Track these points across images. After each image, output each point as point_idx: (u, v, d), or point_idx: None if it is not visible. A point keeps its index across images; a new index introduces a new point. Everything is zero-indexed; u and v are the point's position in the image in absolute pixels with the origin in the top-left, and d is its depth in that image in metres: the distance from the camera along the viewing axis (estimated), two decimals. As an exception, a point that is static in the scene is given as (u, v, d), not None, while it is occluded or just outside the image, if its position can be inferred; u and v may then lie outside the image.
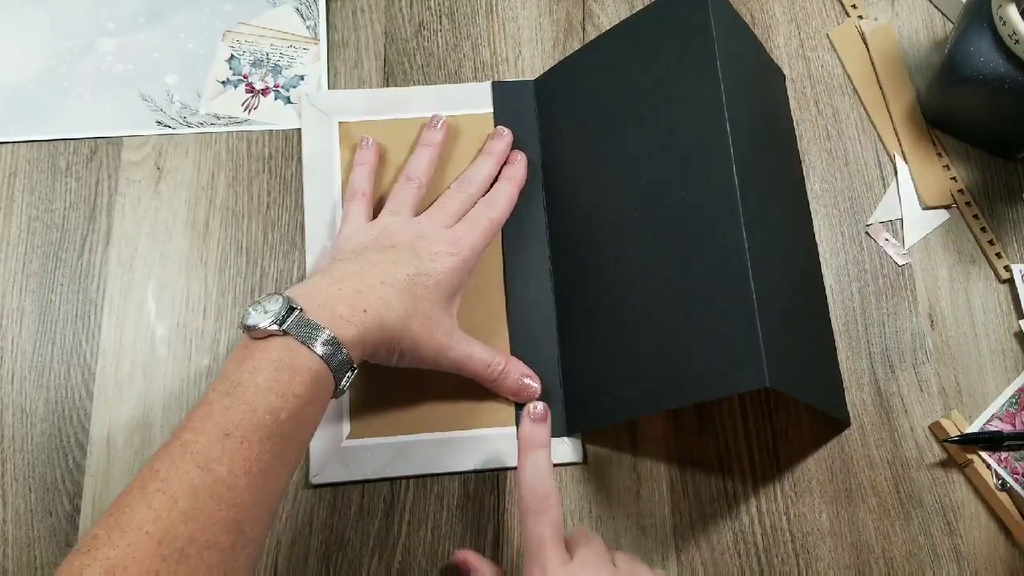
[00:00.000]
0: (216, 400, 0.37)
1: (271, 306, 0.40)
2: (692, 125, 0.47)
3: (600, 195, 0.51)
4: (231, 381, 0.38)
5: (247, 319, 0.39)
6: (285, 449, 0.37)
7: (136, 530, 0.33)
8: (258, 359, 0.38)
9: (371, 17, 0.59)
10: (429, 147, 0.53)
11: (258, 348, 0.39)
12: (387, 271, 0.44)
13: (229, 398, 0.37)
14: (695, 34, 0.48)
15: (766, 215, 0.47)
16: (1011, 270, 0.54)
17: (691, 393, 0.44)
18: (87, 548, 0.32)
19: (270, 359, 0.38)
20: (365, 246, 0.47)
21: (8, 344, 0.50)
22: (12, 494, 0.48)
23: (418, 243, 0.47)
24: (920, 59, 0.60)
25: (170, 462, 0.35)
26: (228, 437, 0.36)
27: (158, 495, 0.34)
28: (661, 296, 0.46)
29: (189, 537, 0.33)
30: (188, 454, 0.35)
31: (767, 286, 0.43)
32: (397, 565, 0.48)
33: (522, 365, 0.50)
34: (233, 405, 0.37)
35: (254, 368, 0.38)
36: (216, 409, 0.37)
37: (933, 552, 0.49)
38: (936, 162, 0.57)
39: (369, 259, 0.45)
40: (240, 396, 0.37)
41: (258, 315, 0.39)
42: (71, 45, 0.57)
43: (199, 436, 0.36)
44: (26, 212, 0.53)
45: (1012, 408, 0.52)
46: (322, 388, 0.40)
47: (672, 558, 0.48)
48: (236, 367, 0.38)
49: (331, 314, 0.41)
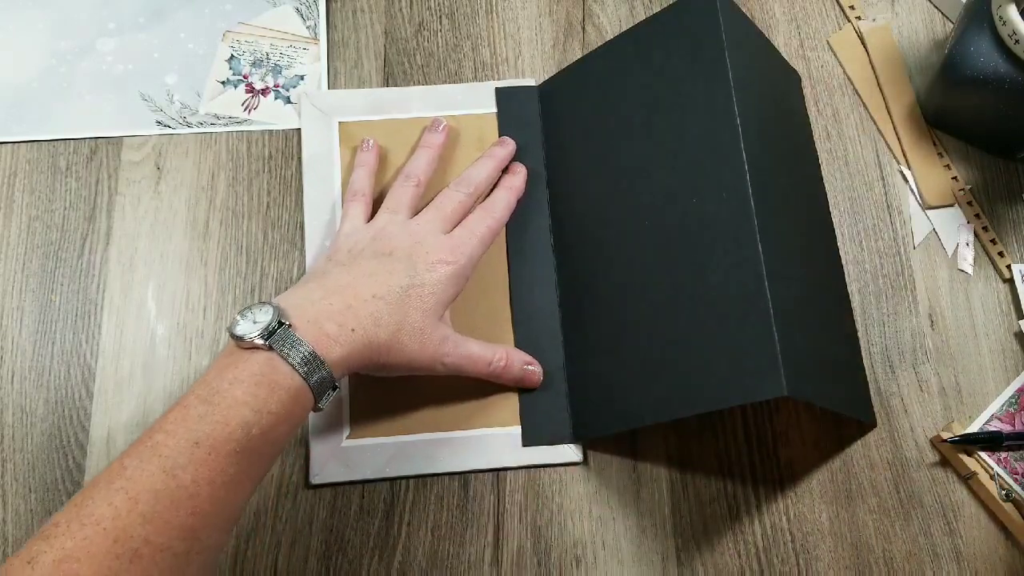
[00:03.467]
0: (192, 405, 0.37)
1: (260, 316, 0.40)
2: (704, 131, 0.46)
3: (608, 202, 0.51)
4: (211, 388, 0.38)
5: (235, 328, 0.39)
6: (252, 464, 0.38)
7: (94, 525, 0.33)
8: (240, 370, 0.38)
9: (371, 17, 0.59)
10: (429, 148, 0.53)
11: (241, 359, 0.39)
12: (380, 282, 0.44)
13: (205, 406, 0.37)
14: (705, 39, 0.48)
15: (782, 219, 0.46)
16: (1012, 270, 0.54)
17: (706, 402, 0.43)
18: (46, 535, 0.33)
19: (251, 372, 0.38)
20: (362, 248, 0.47)
21: (8, 344, 0.50)
22: (12, 494, 0.48)
23: (415, 251, 0.47)
24: (920, 59, 0.60)
25: (138, 461, 0.35)
26: (197, 446, 0.36)
27: (120, 493, 0.34)
28: (673, 304, 0.45)
29: (144, 539, 0.34)
30: (156, 456, 0.35)
31: (784, 292, 0.43)
32: (397, 565, 0.48)
33: (522, 353, 0.50)
34: (208, 414, 0.37)
35: (234, 379, 0.38)
36: (191, 414, 0.37)
37: (933, 552, 0.49)
38: (937, 162, 0.57)
39: (364, 268, 0.45)
40: (217, 405, 0.37)
41: (246, 325, 0.39)
42: (71, 45, 0.57)
43: (169, 439, 0.36)
44: (26, 212, 0.53)
45: (1012, 408, 0.52)
46: (299, 406, 0.40)
47: (672, 558, 0.48)
48: (217, 375, 0.39)
49: (318, 331, 0.41)
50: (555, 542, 0.48)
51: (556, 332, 0.51)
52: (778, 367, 0.40)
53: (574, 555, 0.48)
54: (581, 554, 0.48)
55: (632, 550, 0.48)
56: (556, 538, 0.48)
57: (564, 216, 0.53)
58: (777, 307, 0.41)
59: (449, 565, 0.48)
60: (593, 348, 0.49)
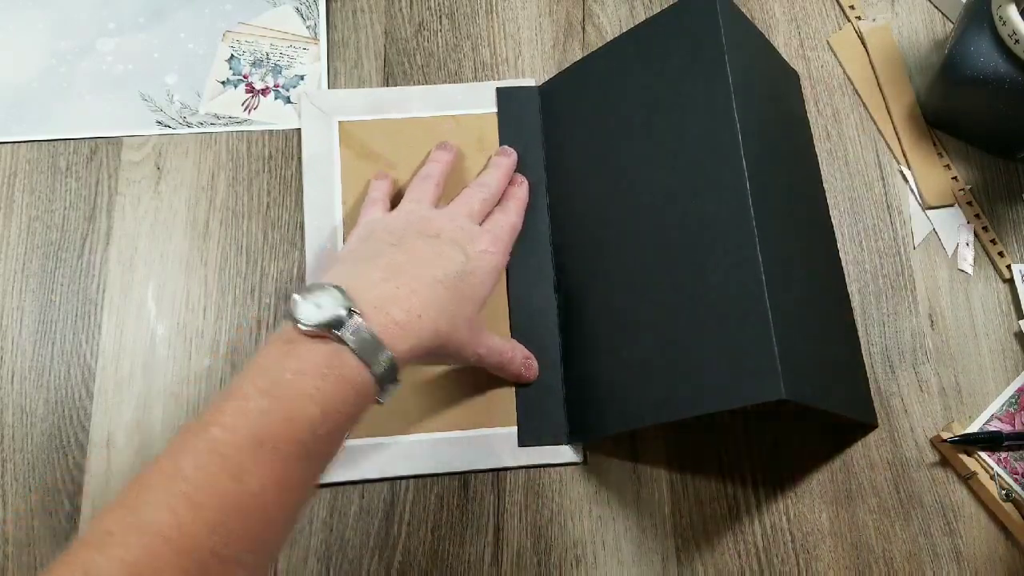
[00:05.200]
0: (252, 397, 0.33)
1: (325, 301, 0.36)
2: (703, 132, 0.46)
3: (607, 202, 0.51)
4: (270, 378, 0.34)
5: (297, 312, 0.35)
6: (315, 467, 0.35)
7: (155, 534, 0.29)
8: (303, 360, 0.35)
9: (371, 17, 0.59)
10: (439, 162, 0.53)
11: (304, 347, 0.35)
12: (438, 267, 0.42)
13: (268, 399, 0.33)
14: (705, 40, 0.48)
15: (782, 221, 0.46)
16: (1012, 270, 0.54)
17: (704, 403, 0.43)
18: (97, 543, 0.29)
19: (315, 363, 0.35)
20: (403, 229, 0.44)
21: (8, 344, 0.50)
22: (12, 494, 0.48)
23: (461, 236, 0.45)
24: (920, 59, 0.60)
25: (196, 460, 0.31)
26: (262, 446, 0.32)
27: (182, 499, 0.30)
28: (672, 306, 0.45)
29: (212, 551, 0.30)
30: (217, 456, 0.32)
31: (783, 294, 0.43)
32: (397, 565, 0.48)
33: (523, 347, 0.50)
34: (271, 409, 0.33)
35: (298, 370, 0.34)
36: (251, 407, 0.33)
37: (933, 552, 0.49)
38: (937, 162, 0.57)
39: (415, 248, 0.43)
40: (279, 399, 0.33)
41: (309, 309, 0.35)
42: (71, 45, 0.57)
43: (229, 436, 0.32)
44: (26, 212, 0.53)
45: (1012, 408, 0.52)
46: (364, 402, 0.37)
47: (672, 558, 0.48)
48: (277, 362, 0.35)
49: (386, 319, 0.38)
50: (555, 542, 0.48)
51: (554, 332, 0.51)
52: (776, 370, 0.40)
53: (574, 555, 0.48)
54: (581, 554, 0.48)
55: (632, 550, 0.48)
56: (556, 538, 0.48)
57: (563, 216, 0.53)
58: (776, 309, 0.41)
59: (449, 565, 0.48)
60: (591, 348, 0.49)
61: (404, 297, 0.39)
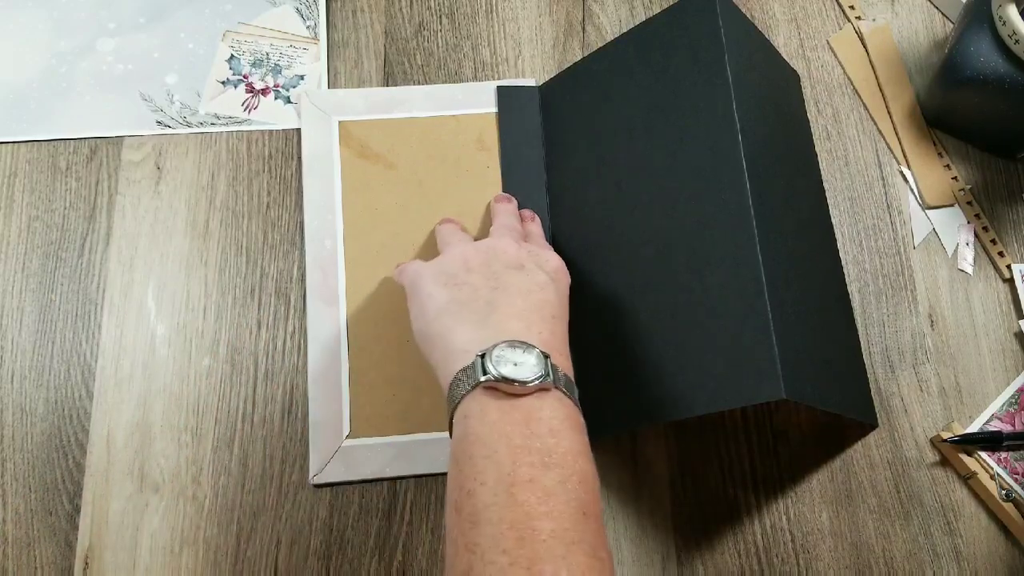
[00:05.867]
0: (540, 476, 0.32)
1: (527, 359, 0.36)
2: (703, 134, 0.46)
3: (607, 202, 0.51)
4: (534, 449, 0.33)
5: (509, 372, 0.35)
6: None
7: None
8: (546, 420, 0.34)
9: (371, 17, 0.59)
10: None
11: (532, 405, 0.35)
12: (548, 301, 0.42)
13: (555, 471, 0.32)
14: (705, 41, 0.48)
15: (782, 221, 0.46)
16: (1012, 270, 0.54)
17: (705, 404, 0.43)
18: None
19: (558, 417, 0.35)
20: (486, 264, 0.43)
21: (8, 344, 0.50)
22: (12, 494, 0.48)
23: (537, 261, 0.45)
24: (920, 59, 0.60)
25: (553, 562, 0.30)
26: (587, 517, 0.32)
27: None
28: (673, 306, 0.45)
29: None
30: (570, 543, 0.31)
31: (783, 294, 0.43)
32: (397, 565, 0.48)
33: None
34: (566, 477, 0.33)
35: (551, 430, 0.34)
36: (550, 484, 0.32)
37: (933, 552, 0.49)
38: (937, 162, 0.57)
39: (521, 285, 0.42)
40: (563, 468, 0.33)
41: (526, 370, 0.35)
42: (71, 45, 0.57)
43: (557, 524, 0.31)
44: (26, 212, 0.53)
45: (1012, 408, 0.52)
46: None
47: (672, 558, 0.48)
48: (524, 429, 0.34)
49: (565, 362, 0.39)
50: (555, 542, 0.48)
51: None
52: (776, 370, 0.40)
53: (574, 555, 0.48)
54: (581, 554, 0.48)
55: (632, 550, 0.48)
56: (556, 538, 0.48)
57: (563, 216, 0.53)
58: (776, 309, 0.41)
59: (449, 565, 0.48)
60: (591, 349, 0.49)
61: (559, 339, 0.41)
